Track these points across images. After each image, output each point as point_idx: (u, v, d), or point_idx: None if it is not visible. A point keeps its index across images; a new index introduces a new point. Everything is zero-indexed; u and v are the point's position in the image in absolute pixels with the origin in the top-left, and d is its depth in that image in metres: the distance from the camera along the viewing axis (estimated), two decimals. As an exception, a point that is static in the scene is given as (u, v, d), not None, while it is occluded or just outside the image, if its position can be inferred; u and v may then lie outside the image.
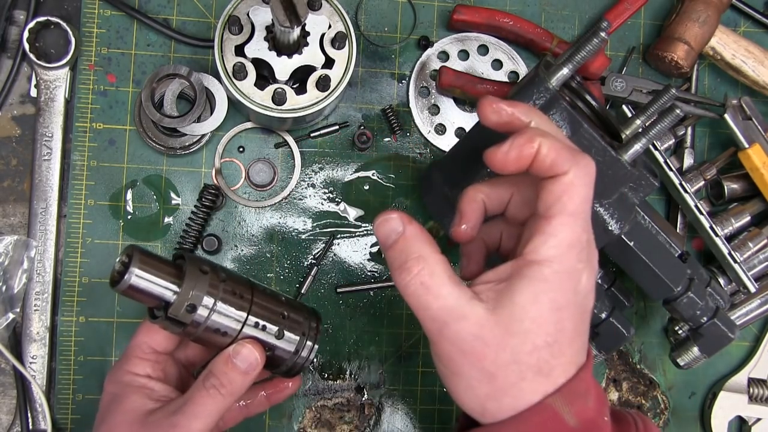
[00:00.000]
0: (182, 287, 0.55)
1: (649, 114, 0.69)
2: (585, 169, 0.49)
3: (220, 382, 0.57)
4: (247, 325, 0.58)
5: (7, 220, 0.79)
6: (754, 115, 0.82)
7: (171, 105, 0.78)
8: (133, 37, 0.80)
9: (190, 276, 0.56)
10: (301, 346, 0.61)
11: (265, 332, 0.59)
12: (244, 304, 0.58)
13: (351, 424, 0.82)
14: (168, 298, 0.56)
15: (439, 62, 0.84)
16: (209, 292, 0.56)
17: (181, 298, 0.55)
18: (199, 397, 0.57)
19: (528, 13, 0.86)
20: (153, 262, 0.55)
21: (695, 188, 0.83)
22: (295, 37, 0.69)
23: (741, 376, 0.87)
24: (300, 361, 0.62)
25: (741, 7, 0.88)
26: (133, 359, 0.61)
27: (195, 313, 0.56)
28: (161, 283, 0.55)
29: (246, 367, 0.58)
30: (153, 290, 0.55)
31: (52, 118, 0.78)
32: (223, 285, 0.57)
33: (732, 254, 0.82)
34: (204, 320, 0.56)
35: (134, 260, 0.55)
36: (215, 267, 0.59)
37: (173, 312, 0.55)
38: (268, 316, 0.60)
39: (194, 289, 0.56)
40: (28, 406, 0.77)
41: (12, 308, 0.77)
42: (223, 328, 0.58)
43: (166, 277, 0.56)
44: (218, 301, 0.57)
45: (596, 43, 0.63)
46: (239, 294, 0.58)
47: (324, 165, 0.83)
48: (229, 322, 0.58)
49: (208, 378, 0.58)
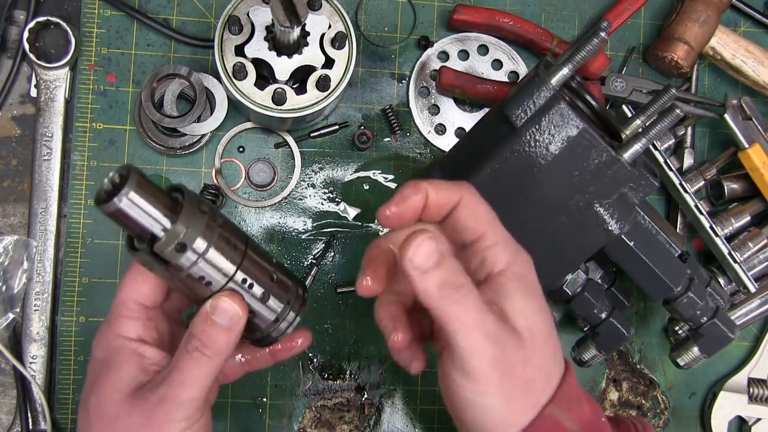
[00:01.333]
0: (176, 223, 0.49)
1: (649, 114, 0.69)
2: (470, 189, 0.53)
3: (203, 343, 0.51)
4: (233, 281, 0.52)
5: (7, 220, 0.79)
6: (754, 115, 0.82)
7: (171, 105, 0.78)
8: (133, 37, 0.80)
9: (187, 213, 0.49)
10: (282, 316, 0.55)
11: (250, 292, 0.53)
12: (236, 256, 0.52)
13: (351, 424, 0.82)
14: (157, 231, 0.49)
15: (439, 62, 0.84)
16: (204, 235, 0.50)
17: (171, 235, 0.49)
18: (183, 362, 0.52)
19: (528, 13, 0.86)
20: (150, 189, 0.49)
21: (695, 188, 0.83)
22: (295, 37, 0.69)
23: (741, 376, 0.87)
24: (275, 333, 0.56)
25: (741, 7, 0.88)
26: (120, 319, 0.55)
27: (183, 255, 0.49)
28: (154, 213, 0.49)
29: (227, 322, 0.52)
30: (142, 220, 0.48)
31: (52, 118, 0.78)
32: (219, 230, 0.51)
33: (732, 254, 0.82)
34: (191, 264, 0.50)
35: (130, 182, 0.47)
36: (213, 209, 0.52)
37: (160, 248, 0.49)
38: (257, 276, 0.53)
39: (189, 228, 0.49)
40: (28, 406, 0.77)
41: (12, 308, 0.77)
42: (208, 277, 0.51)
43: (161, 208, 0.49)
44: (211, 247, 0.50)
45: (596, 43, 0.63)
46: (233, 244, 0.52)
47: (324, 165, 0.83)
48: (215, 273, 0.51)
49: (189, 340, 0.52)
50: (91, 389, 0.54)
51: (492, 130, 0.70)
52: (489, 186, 0.67)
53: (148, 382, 0.53)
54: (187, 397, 0.51)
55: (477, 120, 0.79)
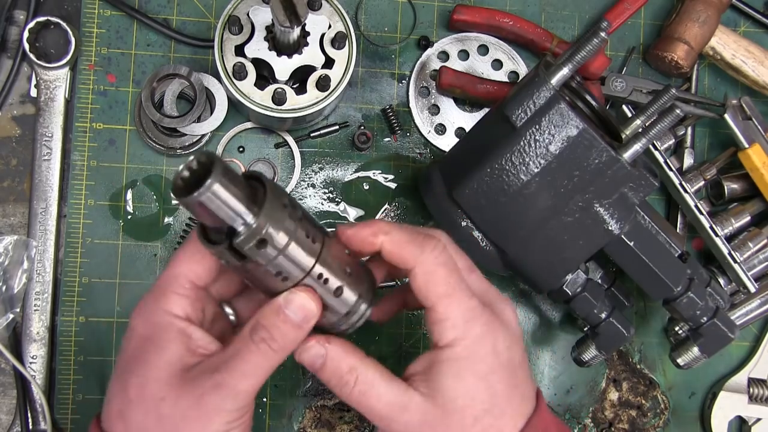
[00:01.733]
0: (259, 218, 0.46)
1: (649, 114, 0.69)
2: (434, 251, 0.52)
3: (271, 336, 0.49)
4: (310, 276, 0.50)
5: (7, 220, 0.79)
6: (754, 115, 0.82)
7: (171, 105, 0.78)
8: (133, 37, 0.80)
9: (269, 207, 0.47)
10: (354, 309, 0.53)
11: (325, 287, 0.51)
12: (314, 249, 0.50)
13: (351, 424, 0.82)
14: (237, 226, 0.46)
15: (439, 62, 0.84)
16: (286, 230, 0.48)
17: (254, 230, 0.46)
18: (247, 352, 0.49)
19: (528, 13, 0.86)
20: (234, 181, 0.46)
21: (695, 188, 0.83)
22: (295, 37, 0.69)
23: (741, 376, 0.87)
24: (345, 325, 0.54)
25: (741, 7, 0.88)
26: (170, 294, 0.52)
27: (263, 250, 0.47)
28: (237, 207, 0.46)
29: (300, 319, 0.49)
30: (222, 213, 0.46)
31: (52, 118, 0.78)
32: (299, 224, 0.49)
33: (732, 254, 0.82)
34: (270, 260, 0.48)
35: (215, 173, 0.44)
36: (294, 201, 0.50)
37: (240, 244, 0.46)
38: (334, 269, 0.51)
39: (271, 223, 0.47)
40: (28, 406, 0.77)
41: (12, 308, 0.77)
42: (285, 272, 0.49)
43: (245, 201, 0.46)
44: (291, 242, 0.48)
45: (596, 43, 0.63)
46: (312, 237, 0.50)
47: (324, 165, 0.83)
48: (293, 268, 0.49)
49: (256, 330, 0.49)
50: (130, 367, 0.51)
51: (492, 130, 0.70)
52: (489, 186, 0.67)
53: (196, 365, 0.50)
54: (244, 387, 0.49)
55: (477, 120, 0.79)
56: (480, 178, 0.67)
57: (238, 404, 0.49)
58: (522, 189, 0.66)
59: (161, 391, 0.49)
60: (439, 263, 0.52)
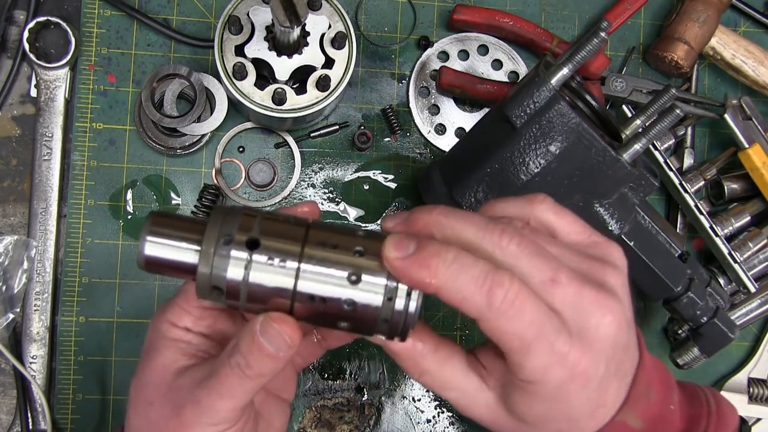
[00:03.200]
0: (201, 253, 0.43)
1: (649, 114, 0.69)
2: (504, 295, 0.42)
3: (246, 363, 0.46)
4: (302, 278, 0.43)
5: (7, 220, 0.79)
6: (754, 115, 0.82)
7: (171, 105, 0.78)
8: (133, 37, 0.80)
9: (211, 230, 0.43)
10: (394, 292, 0.43)
11: (333, 281, 0.43)
12: (293, 248, 0.43)
13: (351, 424, 0.82)
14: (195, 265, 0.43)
15: (439, 62, 0.84)
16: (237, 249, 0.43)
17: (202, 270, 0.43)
18: (224, 374, 0.47)
19: (528, 13, 0.86)
20: (171, 223, 0.43)
21: (695, 188, 0.83)
22: (295, 37, 0.69)
23: (741, 376, 0.87)
24: (398, 313, 0.43)
25: (741, 7, 0.88)
26: (175, 308, 0.51)
27: (225, 282, 0.43)
28: (182, 245, 0.43)
29: (274, 350, 0.45)
30: (176, 258, 0.43)
31: (52, 118, 0.78)
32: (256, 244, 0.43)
33: (732, 254, 0.82)
34: (240, 288, 0.43)
35: (145, 226, 0.43)
36: (251, 214, 0.44)
37: (199, 287, 0.43)
38: (334, 258, 0.43)
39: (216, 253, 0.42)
40: (28, 406, 0.77)
41: (12, 308, 0.77)
42: (270, 289, 0.43)
43: (188, 237, 0.43)
44: (251, 269, 0.42)
45: (596, 43, 0.63)
46: (283, 253, 0.43)
47: (324, 165, 0.83)
48: (276, 279, 0.43)
49: (233, 354, 0.46)
50: (135, 371, 0.52)
51: (492, 130, 0.70)
52: (489, 186, 0.67)
53: (191, 367, 0.49)
54: (222, 407, 0.47)
55: (477, 120, 0.79)
56: (480, 178, 0.67)
57: (217, 420, 0.48)
58: (522, 189, 0.66)
59: (151, 395, 0.50)
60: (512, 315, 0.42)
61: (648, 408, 0.48)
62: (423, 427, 0.83)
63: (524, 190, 0.66)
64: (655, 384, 0.49)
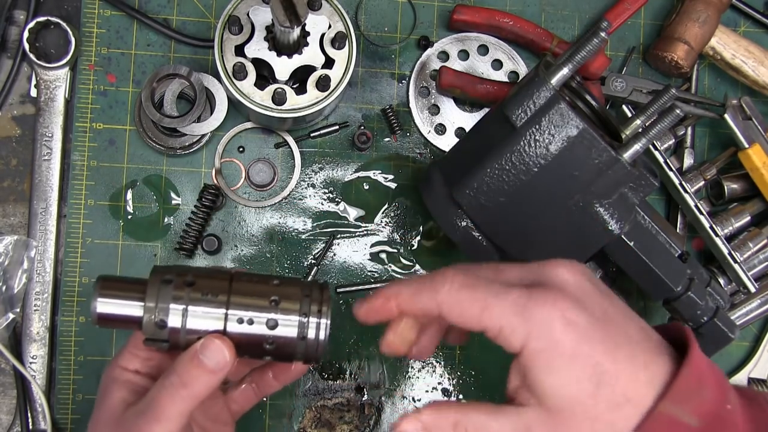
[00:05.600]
0: (145, 304, 0.53)
1: (649, 114, 0.69)
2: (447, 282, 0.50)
3: (182, 381, 0.52)
4: (229, 330, 0.54)
5: (7, 220, 0.79)
6: (754, 115, 0.82)
7: (171, 105, 0.78)
8: (133, 37, 0.80)
9: (151, 290, 0.53)
10: (304, 329, 0.55)
11: (254, 326, 0.54)
12: (219, 304, 0.54)
13: (351, 424, 0.82)
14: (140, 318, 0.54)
15: (439, 62, 0.84)
16: (175, 300, 0.53)
17: (147, 316, 0.53)
18: (160, 398, 0.53)
19: (528, 13, 0.86)
20: (117, 285, 0.54)
21: (695, 188, 0.83)
22: (295, 37, 0.69)
23: (741, 376, 0.87)
24: (311, 344, 0.55)
25: (741, 7, 0.88)
26: (125, 354, 0.58)
27: (167, 328, 0.53)
28: (128, 304, 0.54)
29: (213, 365, 0.53)
30: (123, 313, 0.54)
31: (52, 118, 0.78)
32: (189, 290, 0.54)
33: (732, 254, 0.82)
34: (180, 332, 0.53)
35: (95, 288, 0.54)
36: (183, 271, 0.55)
37: (145, 332, 0.53)
38: (253, 308, 0.54)
39: (159, 303, 0.53)
40: (28, 406, 0.77)
41: (12, 308, 0.77)
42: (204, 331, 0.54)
43: (132, 296, 0.54)
44: (188, 310, 0.53)
45: (596, 43, 0.63)
46: (213, 293, 0.54)
47: (324, 165, 0.83)
48: (208, 327, 0.54)
49: (168, 376, 0.53)
50: (92, 414, 0.58)
51: (492, 130, 0.70)
52: (489, 186, 0.67)
53: (134, 403, 0.55)
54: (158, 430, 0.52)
55: (477, 120, 0.79)
56: (480, 178, 0.67)
57: None
58: (522, 189, 0.66)
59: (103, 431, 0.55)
60: (458, 288, 0.50)
61: (702, 405, 0.47)
62: (423, 427, 0.83)
63: (524, 190, 0.66)
64: (709, 382, 0.48)
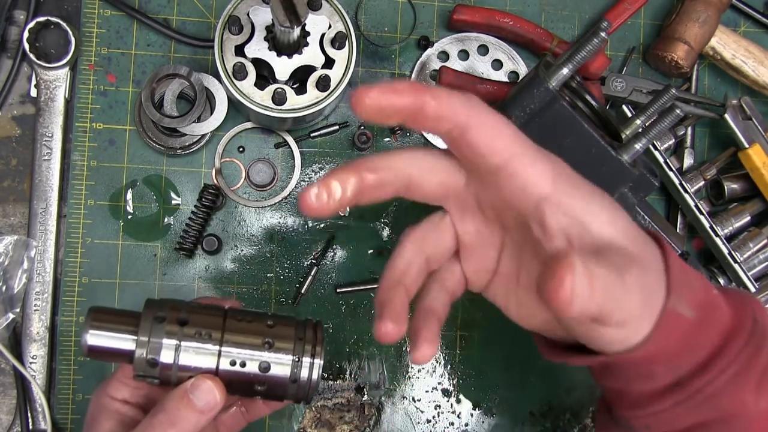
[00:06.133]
0: (137, 342, 0.52)
1: (649, 114, 0.69)
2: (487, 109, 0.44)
3: (170, 419, 0.51)
4: (221, 369, 0.53)
5: (7, 220, 0.79)
6: (754, 115, 0.82)
7: (171, 105, 0.78)
8: (133, 37, 0.80)
9: (144, 327, 0.52)
10: (297, 371, 0.54)
11: (246, 367, 0.53)
12: (213, 342, 0.53)
13: (351, 424, 0.82)
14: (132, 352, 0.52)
15: (439, 62, 0.84)
16: (168, 335, 0.52)
17: (139, 352, 0.52)
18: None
19: (528, 13, 0.86)
20: (109, 317, 0.53)
21: (695, 188, 0.83)
22: (295, 37, 0.69)
23: (741, 376, 0.87)
24: (302, 387, 0.54)
25: (741, 7, 0.88)
26: (114, 382, 0.57)
27: (158, 365, 0.52)
28: (120, 337, 0.52)
29: (203, 405, 0.51)
30: (115, 347, 0.52)
31: (52, 118, 0.78)
32: (183, 330, 0.52)
33: (732, 254, 0.82)
34: (171, 369, 0.52)
35: (87, 320, 0.52)
36: (178, 307, 0.54)
37: (137, 369, 0.52)
38: (247, 347, 0.53)
39: (151, 338, 0.52)
40: (28, 406, 0.77)
41: (12, 308, 0.77)
42: (196, 368, 0.53)
43: (124, 329, 0.52)
44: (181, 346, 0.52)
45: (596, 43, 0.63)
46: (207, 334, 0.53)
47: (324, 165, 0.83)
48: (200, 365, 0.53)
49: (156, 414, 0.52)
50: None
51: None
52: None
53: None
54: None
55: (477, 120, 0.79)
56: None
57: None
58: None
59: None
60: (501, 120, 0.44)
61: (693, 294, 0.46)
62: (423, 427, 0.83)
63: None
64: (691, 272, 0.47)
